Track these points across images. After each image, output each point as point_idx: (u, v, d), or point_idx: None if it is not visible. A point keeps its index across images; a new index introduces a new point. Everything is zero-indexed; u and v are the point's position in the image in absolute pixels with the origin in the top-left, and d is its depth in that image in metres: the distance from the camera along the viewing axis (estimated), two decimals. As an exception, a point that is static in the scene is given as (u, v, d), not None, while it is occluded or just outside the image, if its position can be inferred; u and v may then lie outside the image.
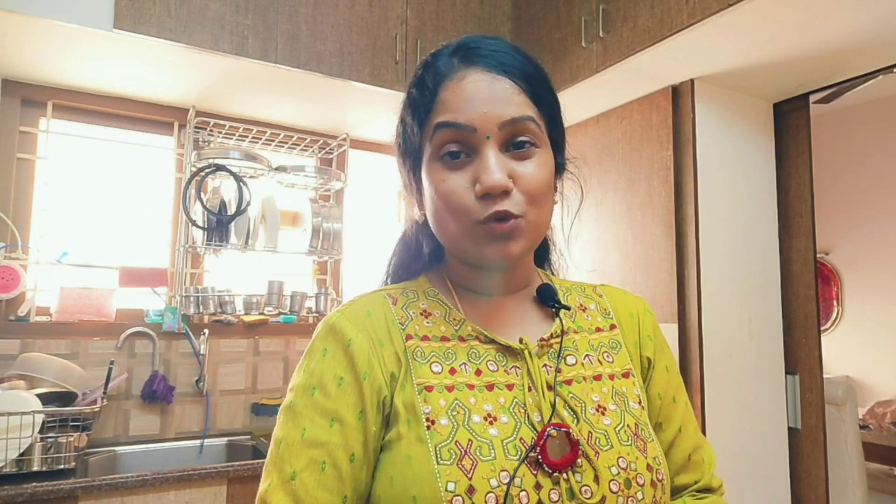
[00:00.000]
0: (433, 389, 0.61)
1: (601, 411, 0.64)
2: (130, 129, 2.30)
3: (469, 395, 0.61)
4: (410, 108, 0.67)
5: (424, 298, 0.69)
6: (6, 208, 2.03)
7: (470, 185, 0.62)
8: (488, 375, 0.63)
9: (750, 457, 1.87)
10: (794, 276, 2.01)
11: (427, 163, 0.65)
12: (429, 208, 0.66)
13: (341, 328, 0.63)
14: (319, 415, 0.60)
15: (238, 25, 1.88)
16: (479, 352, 0.65)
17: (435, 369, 0.63)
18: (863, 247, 3.71)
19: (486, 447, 0.57)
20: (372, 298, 0.69)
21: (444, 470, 0.56)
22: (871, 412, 3.23)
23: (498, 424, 0.59)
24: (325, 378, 0.61)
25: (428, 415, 0.59)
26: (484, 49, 0.65)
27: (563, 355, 0.67)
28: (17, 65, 1.96)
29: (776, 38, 1.63)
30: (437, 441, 0.57)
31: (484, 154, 0.61)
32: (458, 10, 2.30)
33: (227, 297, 2.24)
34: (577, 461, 0.59)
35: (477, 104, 0.62)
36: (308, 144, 2.53)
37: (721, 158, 1.93)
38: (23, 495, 1.52)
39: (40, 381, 1.83)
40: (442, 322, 0.67)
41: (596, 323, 0.73)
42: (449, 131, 0.62)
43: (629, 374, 0.70)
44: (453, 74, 0.64)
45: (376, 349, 0.63)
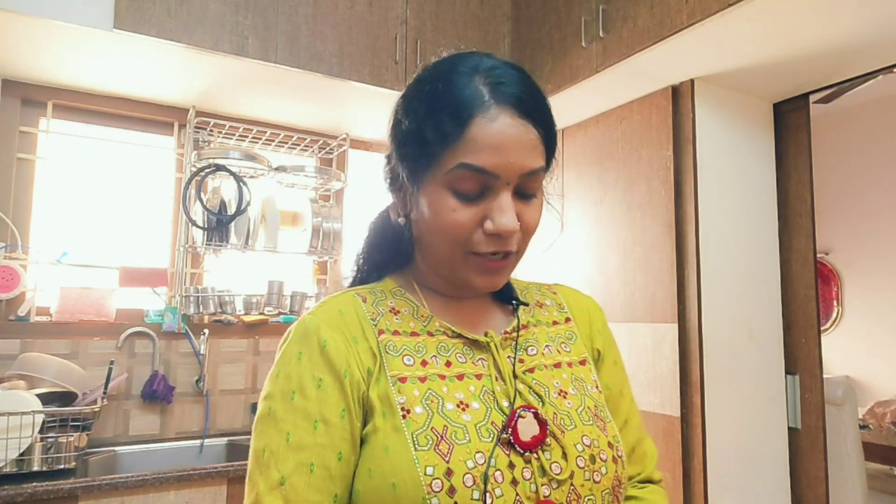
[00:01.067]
0: (407, 380, 0.63)
1: (563, 395, 0.68)
2: (130, 129, 2.30)
3: (441, 385, 0.64)
4: (434, 128, 0.63)
5: (392, 297, 0.72)
6: (6, 208, 2.04)
7: (478, 221, 0.63)
8: (458, 366, 0.66)
9: (750, 457, 1.87)
10: (794, 276, 2.02)
11: (435, 186, 0.64)
12: (423, 224, 0.67)
13: (315, 329, 0.64)
14: (302, 418, 0.60)
15: (238, 25, 1.88)
16: (447, 345, 0.68)
17: (407, 362, 0.65)
18: (863, 247, 3.71)
19: (461, 431, 0.60)
20: (342, 298, 0.70)
21: (422, 455, 0.58)
22: (871, 412, 3.23)
23: (470, 410, 0.62)
24: (303, 381, 0.62)
25: (403, 404, 0.61)
26: (513, 86, 0.63)
27: (524, 346, 0.72)
28: (17, 65, 1.96)
29: (776, 38, 1.63)
30: (414, 429, 0.60)
31: (501, 197, 0.63)
32: (458, 10, 2.30)
33: (227, 297, 2.24)
34: (546, 440, 0.62)
35: (505, 153, 0.61)
36: (308, 144, 2.53)
37: (721, 158, 1.93)
38: (23, 495, 1.52)
39: (40, 381, 1.83)
40: (410, 318, 0.69)
41: (553, 317, 0.78)
42: (473, 174, 0.62)
43: (585, 362, 0.75)
44: (485, 112, 0.62)
45: (351, 346, 0.64)
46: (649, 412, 1.89)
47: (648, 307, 1.92)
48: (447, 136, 0.62)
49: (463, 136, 0.61)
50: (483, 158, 0.61)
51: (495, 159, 0.61)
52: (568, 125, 2.35)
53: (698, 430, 1.76)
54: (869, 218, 3.69)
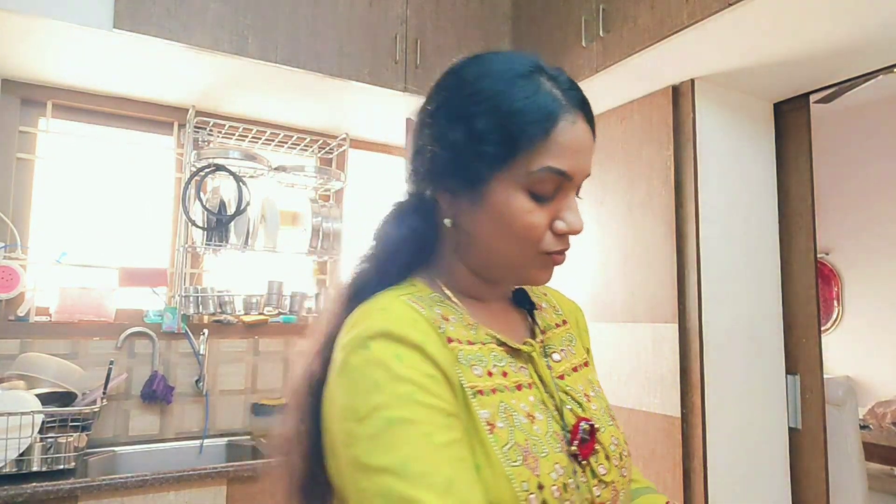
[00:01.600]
0: (484, 393, 0.61)
1: (587, 398, 0.70)
2: (130, 129, 2.30)
3: (510, 397, 0.63)
4: (517, 128, 0.62)
5: (434, 304, 0.67)
6: (6, 208, 2.03)
7: (549, 221, 0.65)
8: (513, 376, 0.66)
9: (750, 457, 1.87)
10: (795, 275, 2.01)
11: (509, 186, 0.63)
12: (485, 225, 0.65)
13: (404, 333, 0.59)
14: (434, 415, 0.55)
15: (238, 25, 1.88)
16: (498, 354, 0.66)
17: (476, 372, 0.63)
18: (863, 247, 3.71)
19: (539, 444, 0.61)
20: (397, 304, 0.63)
21: (515, 472, 0.57)
22: (872, 412, 3.23)
23: (537, 422, 0.63)
24: (417, 379, 0.56)
25: (487, 419, 0.59)
26: (578, 91, 0.66)
27: (549, 352, 0.72)
28: (17, 64, 1.95)
29: (776, 38, 1.63)
30: (502, 444, 0.58)
31: (571, 199, 0.66)
32: (458, 10, 2.30)
33: (226, 297, 2.24)
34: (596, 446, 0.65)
35: (581, 158, 0.64)
36: (308, 144, 2.53)
37: (721, 158, 1.93)
38: (22, 495, 1.52)
39: (40, 382, 1.83)
40: (461, 326, 0.66)
41: (553, 319, 0.79)
42: (555, 177, 0.63)
43: (587, 363, 0.78)
44: (568, 115, 0.63)
45: (444, 349, 0.61)
46: (649, 412, 1.89)
47: (648, 307, 1.92)
48: (532, 138, 0.62)
49: (548, 139, 0.62)
50: (566, 162, 0.63)
51: (574, 163, 0.64)
52: (568, 125, 2.34)
53: (698, 430, 1.76)
54: (869, 218, 3.69)
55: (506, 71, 0.64)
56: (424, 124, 0.69)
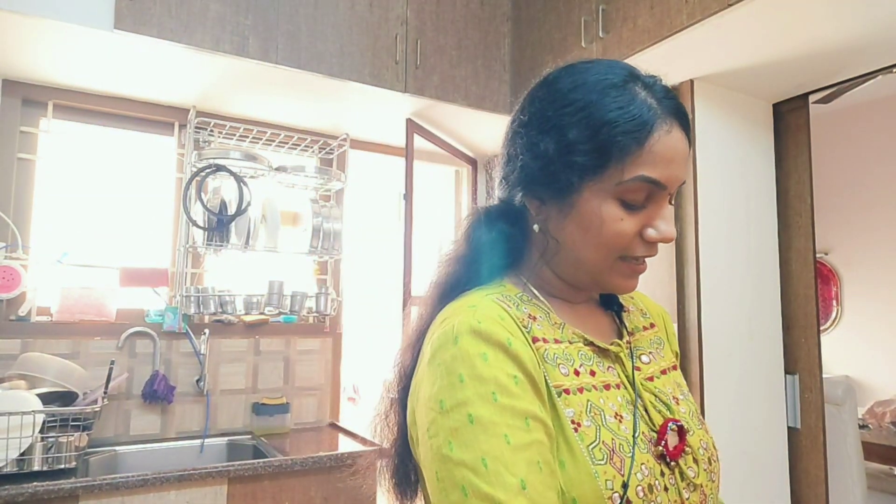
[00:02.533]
0: (570, 392, 0.62)
1: (676, 401, 0.70)
2: (131, 130, 2.30)
3: (598, 396, 0.64)
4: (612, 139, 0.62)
5: (521, 303, 0.68)
6: (7, 208, 2.04)
7: (639, 229, 0.65)
8: (601, 376, 0.66)
9: (750, 456, 1.87)
10: (794, 275, 2.02)
11: (602, 194, 0.64)
12: (576, 230, 0.66)
13: (491, 331, 0.60)
14: (513, 417, 0.56)
15: (238, 26, 1.88)
16: (586, 353, 0.67)
17: (563, 371, 0.64)
18: (862, 247, 3.72)
19: (626, 444, 0.61)
20: (485, 303, 0.65)
21: (600, 470, 0.58)
22: (871, 412, 3.23)
23: (625, 421, 0.63)
24: (500, 380, 0.58)
25: (572, 417, 0.60)
26: (673, 99, 0.66)
27: (637, 354, 0.73)
28: (18, 65, 1.96)
29: (776, 38, 1.64)
30: (588, 442, 0.59)
31: (664, 207, 0.66)
32: (459, 11, 2.30)
33: (227, 297, 2.24)
34: (686, 449, 0.65)
35: (675, 167, 0.64)
36: (308, 145, 2.54)
37: (721, 158, 1.94)
38: (23, 495, 1.53)
39: (41, 381, 1.83)
40: (548, 325, 0.67)
41: (641, 322, 0.80)
42: (648, 185, 0.63)
43: (677, 367, 0.78)
44: (661, 125, 0.63)
45: (531, 348, 0.63)
46: (649, 412, 1.89)
47: (648, 307, 1.92)
48: (626, 148, 0.62)
49: (642, 149, 0.62)
50: (660, 172, 0.63)
51: (668, 172, 0.64)
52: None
53: (698, 429, 1.76)
54: (869, 218, 3.69)
55: (599, 81, 0.65)
56: (517, 133, 0.70)
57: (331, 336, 2.55)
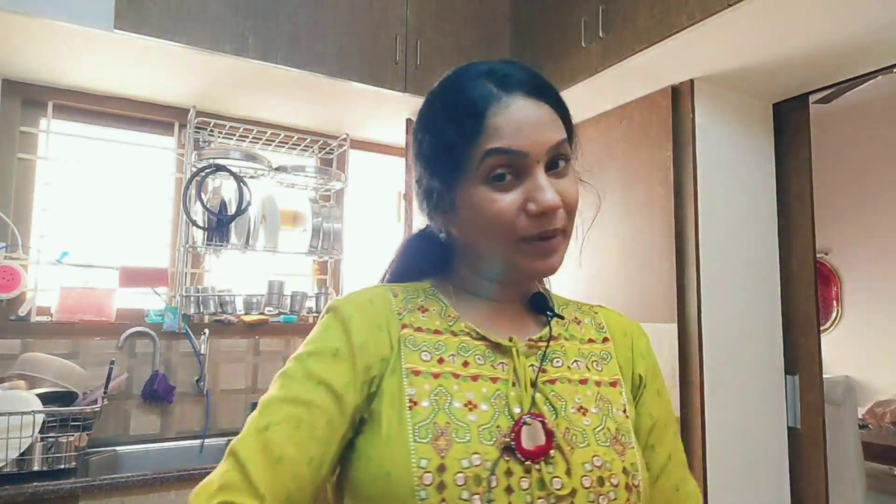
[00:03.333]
0: (420, 374, 0.64)
1: (582, 412, 0.67)
2: (131, 130, 2.30)
3: (453, 383, 0.64)
4: (456, 131, 0.66)
5: (423, 297, 0.73)
6: (7, 208, 2.04)
7: (520, 205, 0.64)
8: (475, 367, 0.66)
9: (750, 457, 1.87)
10: (794, 275, 2.02)
11: (472, 185, 0.66)
12: (468, 226, 0.68)
13: (343, 308, 0.68)
14: (307, 378, 0.63)
15: (238, 26, 1.88)
16: (468, 346, 0.68)
17: (424, 357, 0.66)
18: (863, 247, 3.72)
19: (463, 430, 0.60)
20: (375, 290, 0.72)
21: (419, 447, 0.58)
22: (871, 412, 3.23)
23: (477, 412, 0.62)
24: (321, 347, 0.65)
25: (412, 397, 0.62)
26: (516, 75, 0.67)
27: (549, 357, 0.70)
28: (18, 65, 1.96)
29: (776, 38, 1.64)
30: (417, 420, 0.60)
31: (535, 176, 0.64)
32: (458, 11, 2.30)
33: (227, 297, 2.24)
34: (551, 453, 0.61)
35: (527, 131, 0.64)
36: (308, 145, 2.54)
37: (721, 158, 1.94)
38: (23, 495, 1.53)
39: (41, 381, 1.83)
40: (437, 318, 0.70)
41: (589, 334, 0.77)
42: (501, 157, 0.64)
43: (617, 384, 0.73)
44: (497, 101, 0.65)
45: (373, 331, 0.66)
46: (649, 412, 1.89)
47: (648, 307, 1.92)
48: (468, 132, 0.65)
49: (483, 128, 0.64)
50: (506, 140, 0.63)
51: (518, 139, 0.63)
52: (568, 125, 2.34)
53: (698, 430, 1.76)
54: (869, 218, 3.69)
55: (452, 82, 0.70)
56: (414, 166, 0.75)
57: (331, 336, 2.54)
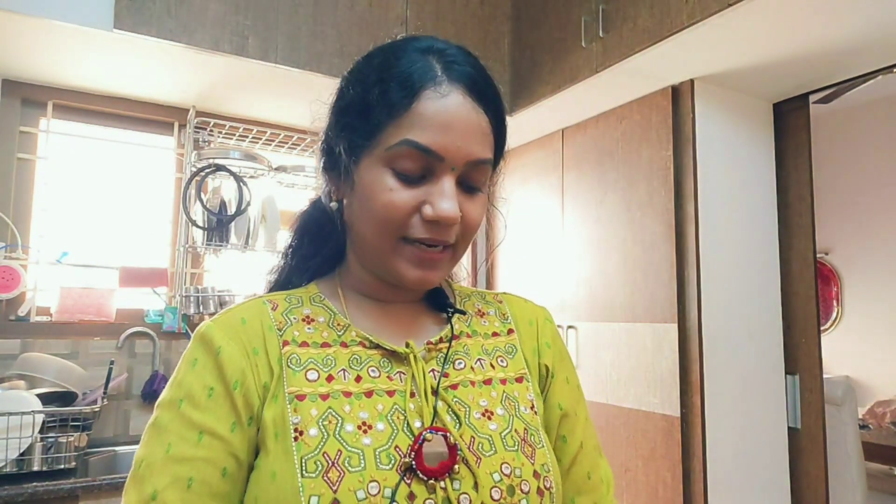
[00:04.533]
0: (305, 398, 0.58)
1: (487, 416, 0.62)
2: (130, 130, 2.30)
3: (344, 403, 0.58)
4: (379, 98, 0.59)
5: (309, 304, 0.66)
6: (6, 208, 2.04)
7: (416, 205, 0.59)
8: (368, 382, 0.60)
9: (750, 457, 1.87)
10: (794, 275, 2.02)
11: (374, 163, 0.60)
12: (356, 206, 0.62)
13: (210, 337, 0.60)
14: (187, 428, 0.56)
15: (238, 25, 1.88)
16: (361, 357, 0.62)
17: (311, 377, 0.59)
18: (862, 247, 3.72)
19: (356, 457, 0.54)
20: (249, 305, 0.64)
21: (307, 483, 0.53)
22: (871, 412, 3.23)
23: (372, 433, 0.56)
24: (193, 389, 0.57)
25: (297, 425, 0.56)
26: (466, 66, 0.61)
27: (451, 359, 0.65)
28: (18, 65, 1.96)
29: (776, 38, 1.64)
30: (304, 453, 0.54)
31: (442, 181, 0.59)
32: (458, 11, 2.30)
33: (227, 297, 2.24)
34: (455, 468, 0.56)
35: (454, 134, 0.58)
36: (308, 144, 2.54)
37: (721, 158, 1.94)
38: (23, 495, 1.52)
39: (40, 381, 1.83)
40: (325, 328, 0.64)
41: (493, 328, 0.71)
42: (416, 152, 0.57)
43: (523, 379, 0.68)
44: (436, 86, 0.58)
45: (250, 357, 0.59)
46: (649, 412, 1.89)
47: (648, 307, 1.92)
48: (393, 105, 0.58)
49: (410, 108, 0.57)
50: (429, 137, 0.57)
51: (443, 139, 0.57)
52: (568, 125, 2.35)
53: (698, 430, 1.76)
54: (869, 218, 3.69)
55: (398, 47, 0.62)
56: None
57: (331, 336, 2.54)
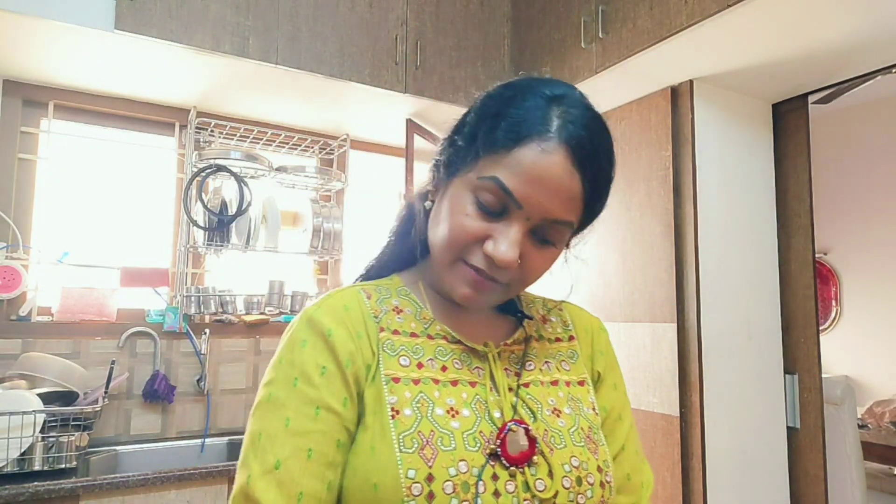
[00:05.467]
0: (400, 381, 0.63)
1: (556, 413, 0.67)
2: (131, 130, 2.30)
3: (434, 389, 0.63)
4: (489, 132, 0.61)
5: (396, 296, 0.71)
6: (7, 208, 2.04)
7: (482, 235, 0.62)
8: (453, 372, 0.66)
9: (749, 456, 1.88)
10: (793, 275, 2.02)
11: (463, 183, 0.64)
12: (437, 216, 0.67)
13: (319, 321, 0.64)
14: (304, 403, 0.60)
15: (239, 26, 1.88)
16: (445, 350, 0.67)
17: (403, 362, 0.65)
18: (861, 247, 3.72)
19: (448, 438, 0.60)
20: (347, 293, 0.69)
21: (405, 458, 0.58)
22: (870, 411, 3.23)
23: (460, 417, 0.62)
24: (307, 367, 0.62)
25: (393, 405, 0.61)
26: (581, 129, 0.61)
27: (523, 360, 0.71)
28: (19, 65, 1.96)
29: (775, 38, 1.64)
30: (401, 430, 0.59)
31: (513, 226, 0.61)
32: (458, 11, 2.30)
33: (228, 297, 2.25)
34: (534, 457, 0.62)
35: (540, 190, 0.59)
36: (309, 145, 2.54)
37: (720, 159, 1.94)
38: (24, 495, 1.53)
39: (42, 381, 1.84)
40: (413, 319, 0.69)
41: (556, 333, 0.78)
42: (499, 191, 0.60)
43: (584, 383, 0.74)
44: (542, 141, 0.59)
45: (355, 340, 0.64)
46: (648, 412, 1.89)
47: (647, 307, 1.93)
48: (496, 142, 0.60)
49: (511, 152, 0.59)
50: (516, 183, 0.59)
51: (527, 190, 0.59)
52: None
53: (697, 429, 1.77)
54: (868, 218, 3.69)
55: (530, 85, 0.64)
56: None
57: (331, 336, 2.55)
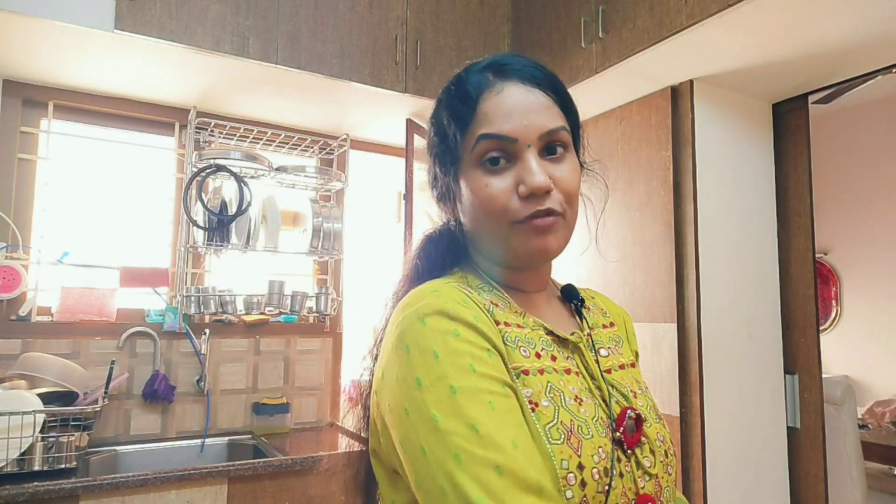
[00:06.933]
0: (529, 373, 0.63)
1: (634, 395, 0.71)
2: (131, 130, 2.30)
3: (558, 379, 0.65)
4: (451, 119, 0.69)
5: (482, 291, 0.70)
6: (7, 208, 2.04)
7: (512, 189, 0.66)
8: (562, 361, 0.67)
9: (749, 456, 1.88)
10: (793, 275, 2.02)
11: (467, 170, 0.68)
12: (468, 212, 0.70)
13: (458, 312, 0.61)
14: (493, 384, 0.58)
15: (239, 26, 1.88)
16: (546, 340, 0.68)
17: (524, 353, 0.65)
18: (862, 247, 3.72)
19: (585, 426, 0.62)
20: (451, 288, 0.65)
21: (556, 449, 0.58)
22: (870, 411, 3.23)
23: (585, 405, 0.64)
24: (474, 352, 0.59)
25: (530, 398, 0.61)
26: (515, 64, 0.70)
27: (597, 347, 0.73)
28: (19, 65, 1.96)
29: (775, 38, 1.64)
30: (545, 422, 0.60)
31: (525, 160, 0.66)
32: (458, 11, 2.30)
33: (227, 297, 2.24)
34: (642, 438, 0.66)
35: (517, 116, 0.66)
36: (308, 145, 2.54)
37: (720, 159, 1.94)
38: (24, 495, 1.53)
39: (41, 381, 1.84)
40: (509, 312, 0.69)
41: (601, 320, 0.81)
42: (491, 142, 0.66)
43: (634, 365, 0.79)
44: (491, 87, 0.68)
45: (493, 329, 0.63)
46: (649, 412, 1.89)
47: (648, 307, 1.93)
48: (462, 118, 0.68)
49: (475, 113, 0.67)
50: (497, 125, 0.66)
51: (509, 124, 0.66)
52: (568, 125, 2.35)
53: (697, 429, 1.77)
54: (868, 218, 3.69)
55: (458, 77, 0.72)
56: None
57: (331, 336, 2.55)
